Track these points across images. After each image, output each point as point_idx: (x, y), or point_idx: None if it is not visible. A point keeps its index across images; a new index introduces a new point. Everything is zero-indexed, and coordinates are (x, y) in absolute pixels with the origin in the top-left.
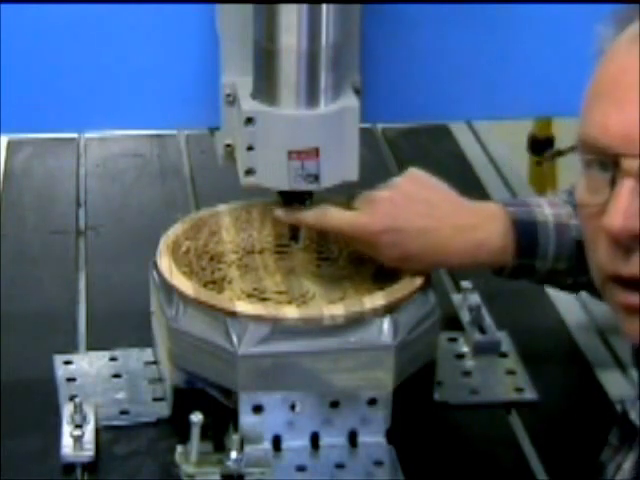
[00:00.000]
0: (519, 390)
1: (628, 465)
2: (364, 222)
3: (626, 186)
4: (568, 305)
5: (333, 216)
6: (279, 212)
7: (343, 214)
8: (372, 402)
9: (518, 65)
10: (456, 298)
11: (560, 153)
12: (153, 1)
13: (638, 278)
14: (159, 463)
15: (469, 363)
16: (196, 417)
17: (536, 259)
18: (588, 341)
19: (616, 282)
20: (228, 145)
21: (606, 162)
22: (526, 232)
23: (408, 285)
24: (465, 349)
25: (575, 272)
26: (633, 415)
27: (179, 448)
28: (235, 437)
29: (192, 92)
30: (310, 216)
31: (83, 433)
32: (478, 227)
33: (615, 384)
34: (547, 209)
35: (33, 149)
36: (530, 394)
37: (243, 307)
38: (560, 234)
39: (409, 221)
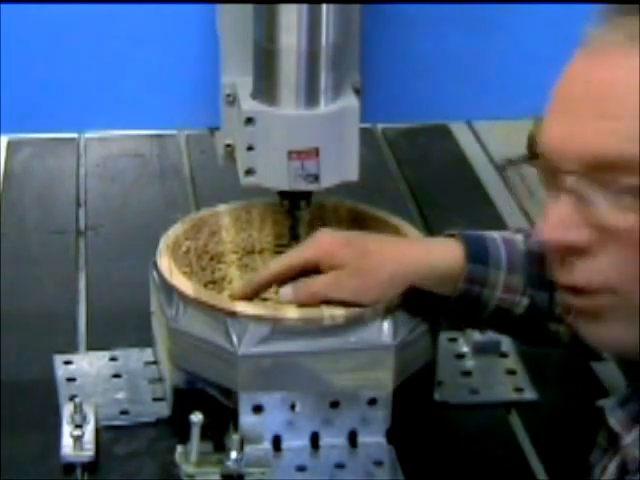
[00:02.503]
0: (519, 390)
1: (612, 467)
2: (311, 244)
3: (561, 199)
4: None
5: (276, 261)
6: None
7: (284, 255)
8: (372, 402)
9: (518, 65)
10: None
11: (511, 162)
12: (153, 1)
13: (573, 285)
14: (159, 463)
15: (469, 363)
16: (196, 417)
17: (489, 267)
18: None
19: (563, 289)
20: (228, 145)
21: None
22: (474, 240)
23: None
24: (465, 349)
25: (531, 287)
26: (612, 422)
27: (179, 448)
28: (235, 437)
29: (192, 92)
30: (260, 276)
31: (83, 433)
32: (426, 240)
33: (615, 384)
34: (492, 232)
35: (33, 149)
36: (530, 394)
37: (243, 307)
38: (509, 245)
39: (356, 233)
